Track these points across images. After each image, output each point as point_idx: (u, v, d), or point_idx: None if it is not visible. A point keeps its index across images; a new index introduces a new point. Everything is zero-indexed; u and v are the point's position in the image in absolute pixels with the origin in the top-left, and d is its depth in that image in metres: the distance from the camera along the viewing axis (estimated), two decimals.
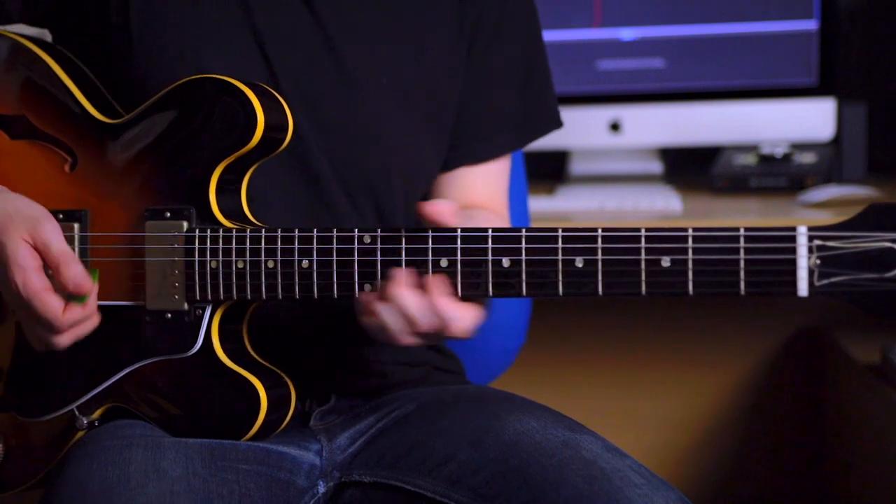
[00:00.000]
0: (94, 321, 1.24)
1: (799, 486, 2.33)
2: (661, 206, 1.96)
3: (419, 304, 1.15)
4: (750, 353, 2.32)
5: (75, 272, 1.20)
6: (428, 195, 1.47)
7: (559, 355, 2.34)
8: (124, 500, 1.12)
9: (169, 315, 1.25)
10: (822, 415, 2.28)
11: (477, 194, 1.47)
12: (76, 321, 1.22)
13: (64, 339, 1.22)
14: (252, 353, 1.28)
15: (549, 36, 1.54)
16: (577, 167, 2.27)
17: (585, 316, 2.33)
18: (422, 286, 1.16)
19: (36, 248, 1.21)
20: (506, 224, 1.49)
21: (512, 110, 1.48)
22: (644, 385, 2.34)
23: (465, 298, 1.16)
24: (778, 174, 2.09)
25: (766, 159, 2.12)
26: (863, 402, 1.97)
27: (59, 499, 1.16)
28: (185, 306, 1.24)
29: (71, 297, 1.20)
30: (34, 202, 1.25)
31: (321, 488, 1.29)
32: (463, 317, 1.16)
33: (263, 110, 1.23)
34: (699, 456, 2.34)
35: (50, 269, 1.21)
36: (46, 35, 1.43)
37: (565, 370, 2.34)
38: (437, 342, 1.19)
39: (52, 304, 1.20)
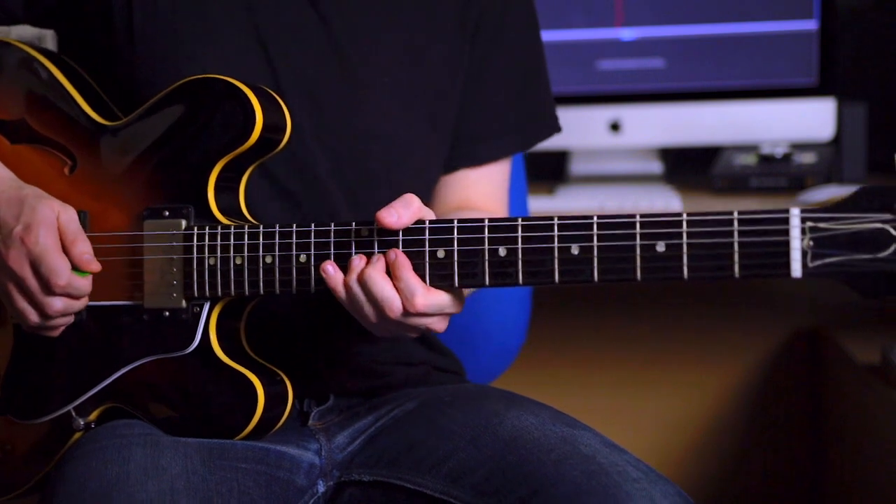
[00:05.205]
0: (84, 301, 1.25)
1: (799, 486, 2.33)
2: (660, 206, 1.96)
3: (389, 285, 1.16)
4: (750, 353, 2.31)
5: (87, 249, 1.24)
6: (428, 197, 1.47)
7: (559, 355, 2.34)
8: (124, 498, 1.13)
9: (167, 313, 1.25)
10: (822, 415, 2.27)
11: (476, 196, 1.47)
12: (76, 289, 1.23)
13: (56, 304, 1.23)
14: (249, 351, 1.29)
15: (549, 36, 1.53)
16: (577, 167, 2.27)
17: (585, 316, 2.33)
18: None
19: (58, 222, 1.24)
20: None
21: (514, 113, 1.48)
22: (644, 385, 2.34)
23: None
24: (778, 174, 2.09)
25: (766, 159, 2.11)
26: (863, 402, 1.97)
27: (58, 497, 1.17)
28: (183, 304, 1.24)
29: (75, 270, 1.23)
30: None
31: (321, 487, 1.29)
32: (432, 296, 1.16)
33: (262, 110, 1.23)
34: (699, 456, 2.34)
35: (65, 243, 1.23)
36: (49, 36, 1.43)
37: (565, 370, 2.34)
38: (416, 332, 1.20)
39: (61, 261, 1.22)
